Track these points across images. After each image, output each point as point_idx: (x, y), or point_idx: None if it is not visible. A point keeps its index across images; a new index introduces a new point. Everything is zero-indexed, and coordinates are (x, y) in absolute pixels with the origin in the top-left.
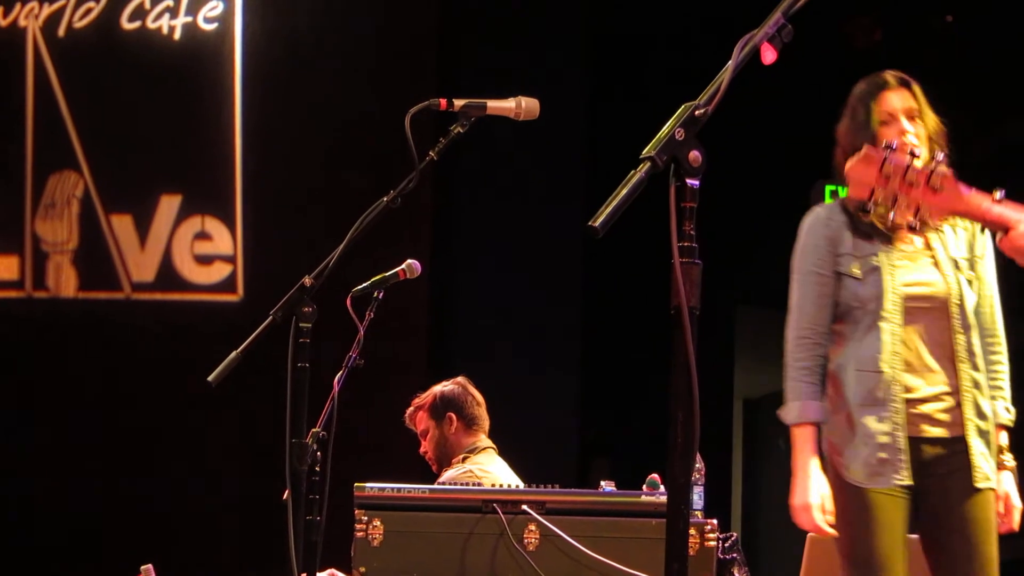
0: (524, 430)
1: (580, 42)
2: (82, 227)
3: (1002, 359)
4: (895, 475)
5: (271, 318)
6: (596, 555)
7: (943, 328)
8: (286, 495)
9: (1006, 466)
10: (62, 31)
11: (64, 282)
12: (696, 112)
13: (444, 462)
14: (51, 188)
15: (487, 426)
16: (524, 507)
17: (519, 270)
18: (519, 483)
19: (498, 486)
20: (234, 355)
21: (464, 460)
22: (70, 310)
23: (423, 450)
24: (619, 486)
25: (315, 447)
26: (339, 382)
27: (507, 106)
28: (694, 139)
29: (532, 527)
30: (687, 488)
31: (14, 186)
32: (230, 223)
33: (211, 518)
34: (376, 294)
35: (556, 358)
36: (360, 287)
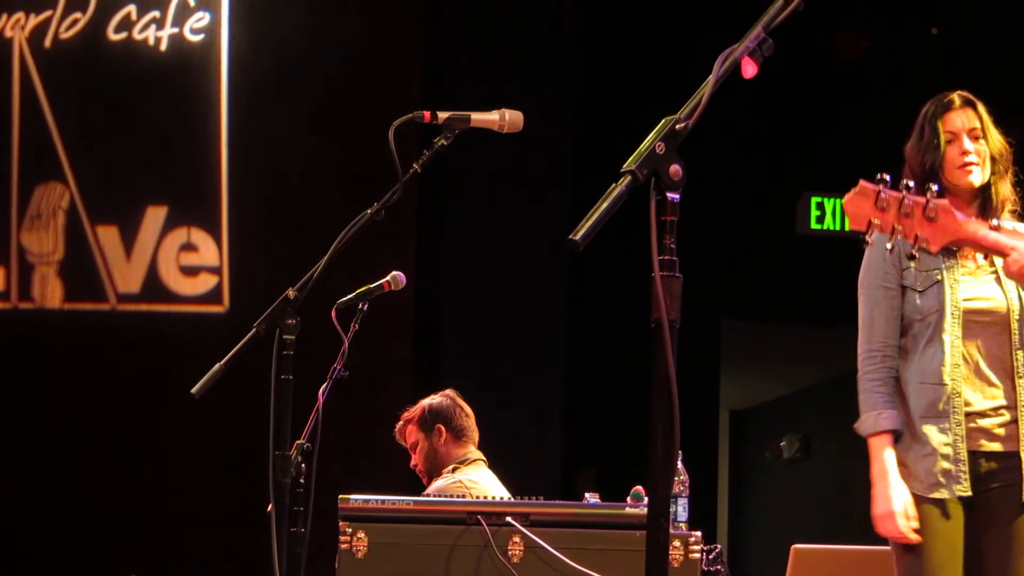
0: (509, 442)
1: (566, 55)
2: (68, 238)
3: None
4: (956, 486)
5: (255, 330)
6: (580, 567)
7: (1002, 343)
8: (270, 507)
9: None
10: (48, 42)
11: (50, 293)
12: (677, 126)
13: (434, 474)
14: (37, 199)
15: (476, 438)
16: (508, 519)
17: (504, 282)
18: (507, 495)
19: (485, 498)
20: (218, 367)
21: (454, 471)
22: (56, 321)
23: (413, 463)
24: (604, 498)
25: (299, 459)
26: (324, 394)
27: (491, 118)
28: (675, 153)
29: (516, 539)
30: (667, 501)
31: (0, 197)
32: (216, 234)
33: (195, 530)
34: (361, 306)
35: (541, 370)
36: (345, 299)
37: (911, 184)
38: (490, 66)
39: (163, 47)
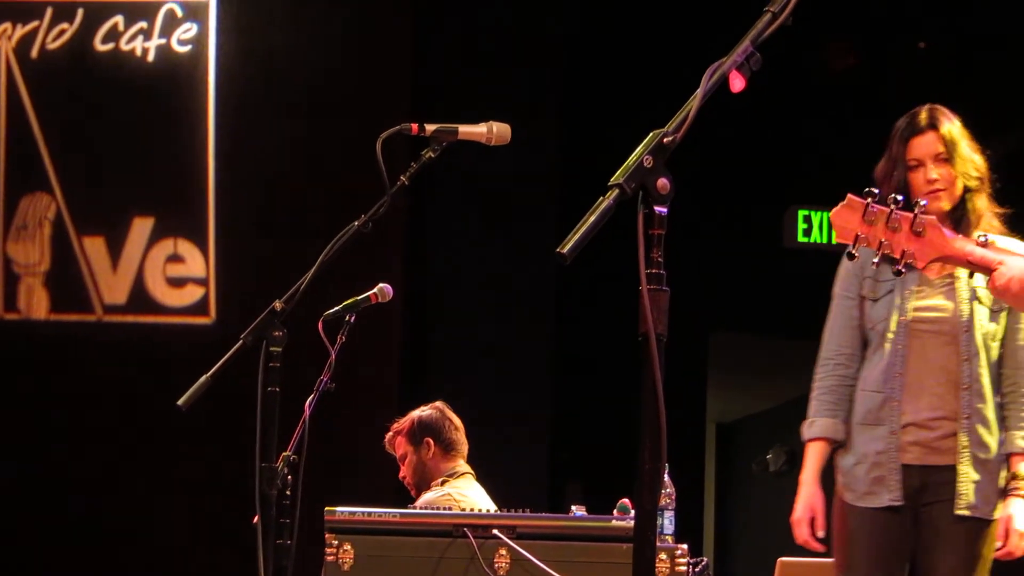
0: (497, 454)
1: (554, 67)
2: (54, 249)
3: None
4: (888, 495)
5: (241, 342)
6: None
7: (949, 354)
8: (256, 519)
9: (1018, 494)
10: (35, 52)
11: (36, 304)
12: (664, 140)
13: (423, 487)
14: (23, 210)
15: (465, 451)
16: (495, 531)
17: (492, 295)
18: (494, 508)
19: (472, 511)
20: (204, 379)
21: (443, 484)
22: (42, 332)
23: (402, 475)
24: (591, 511)
25: (285, 471)
26: (310, 406)
27: (479, 131)
28: (662, 167)
29: (503, 551)
30: (654, 514)
31: None
32: (203, 245)
33: (182, 541)
34: (348, 318)
35: (529, 383)
36: (332, 311)
37: (899, 198)
38: (479, 78)
39: (150, 58)
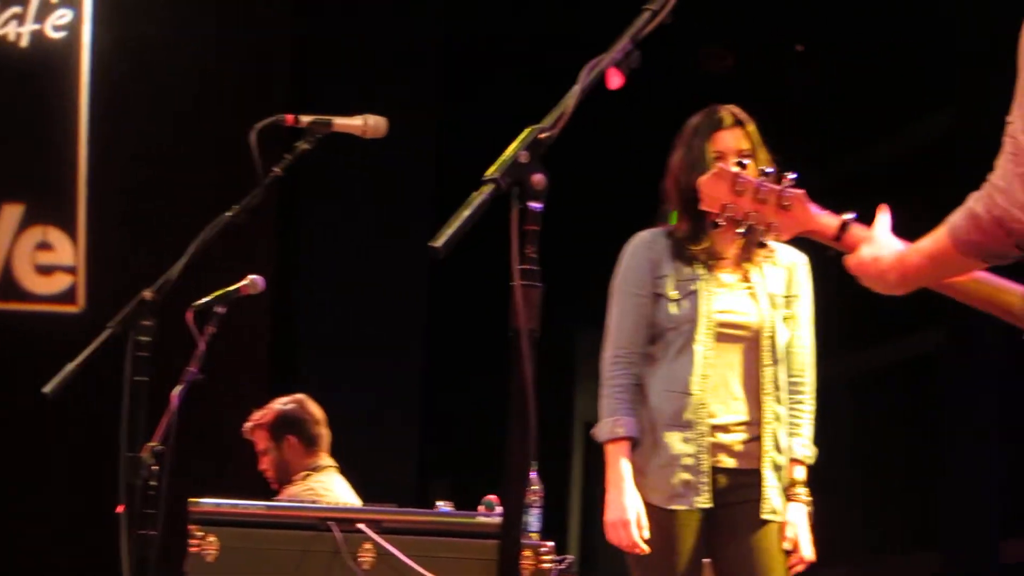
0: (364, 449)
1: (432, 60)
2: None
3: (806, 398)
4: (696, 498)
5: (109, 331)
6: (432, 575)
7: (752, 359)
8: (120, 509)
9: (799, 499)
10: None
11: None
12: (540, 135)
13: (284, 480)
14: None
15: (327, 444)
16: (360, 525)
17: (363, 287)
18: (358, 502)
19: (337, 504)
20: (71, 367)
21: (305, 478)
22: None
23: (262, 467)
24: (458, 507)
25: (151, 461)
26: (178, 396)
27: (354, 123)
28: (538, 162)
29: (368, 546)
30: (520, 510)
31: None
32: (72, 234)
33: (44, 530)
34: (217, 309)
35: (398, 377)
36: (201, 301)
37: (769, 171)
38: (356, 69)
39: (24, 43)
